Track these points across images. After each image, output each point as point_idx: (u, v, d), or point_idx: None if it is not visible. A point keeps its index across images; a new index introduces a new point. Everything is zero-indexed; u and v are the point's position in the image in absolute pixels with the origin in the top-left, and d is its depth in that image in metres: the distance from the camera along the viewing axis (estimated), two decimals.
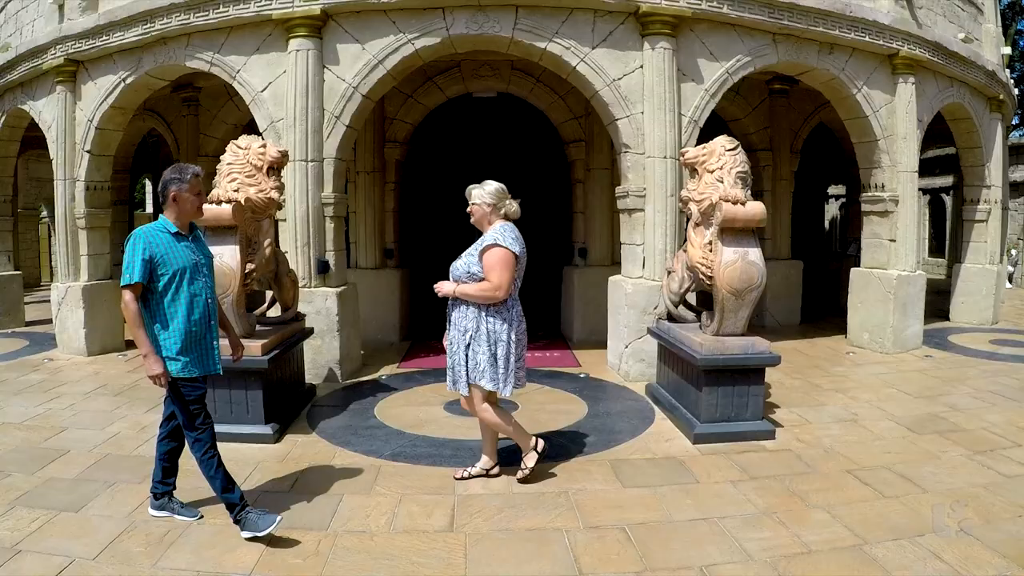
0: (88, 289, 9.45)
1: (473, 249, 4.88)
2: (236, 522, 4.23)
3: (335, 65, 7.77)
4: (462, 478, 5.12)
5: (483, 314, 4.76)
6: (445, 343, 5.02)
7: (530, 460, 5.09)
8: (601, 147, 10.39)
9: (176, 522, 4.43)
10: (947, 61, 10.10)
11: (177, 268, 4.21)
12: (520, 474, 5.08)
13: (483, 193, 4.94)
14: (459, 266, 4.86)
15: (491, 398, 5.00)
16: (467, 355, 4.79)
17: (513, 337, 4.82)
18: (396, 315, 10.63)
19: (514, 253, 4.71)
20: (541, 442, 5.15)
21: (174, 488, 4.60)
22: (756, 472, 5.28)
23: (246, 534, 4.17)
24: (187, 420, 4.34)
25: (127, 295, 4.10)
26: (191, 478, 4.70)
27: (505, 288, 4.67)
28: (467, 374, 4.81)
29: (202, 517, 4.50)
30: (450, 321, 4.92)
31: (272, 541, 4.14)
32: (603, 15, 7.80)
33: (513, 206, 5.00)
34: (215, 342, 4.52)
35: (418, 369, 8.72)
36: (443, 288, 4.83)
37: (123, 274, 4.11)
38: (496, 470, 5.20)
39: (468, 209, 4.97)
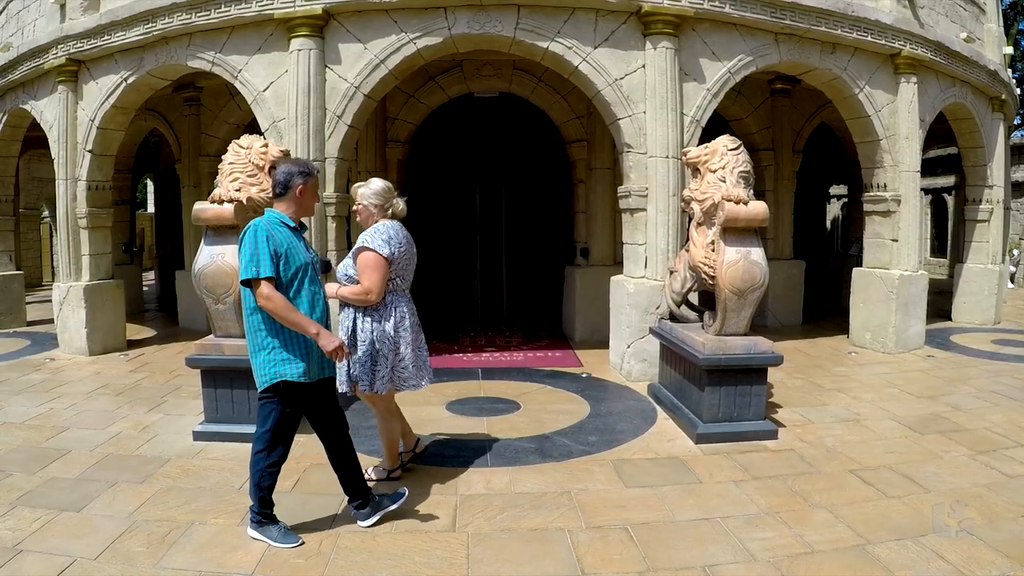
0: (90, 289, 9.45)
1: (353, 250, 4.82)
2: (256, 523, 4.19)
3: (337, 65, 7.77)
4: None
5: (361, 315, 4.74)
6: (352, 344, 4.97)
7: (375, 473, 5.10)
8: (603, 147, 10.37)
9: (179, 523, 4.42)
10: (949, 61, 10.08)
11: (300, 264, 4.11)
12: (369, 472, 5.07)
13: (368, 193, 4.82)
14: (341, 268, 4.84)
15: (383, 398, 4.93)
16: (350, 356, 4.77)
17: (390, 337, 4.72)
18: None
19: (383, 256, 4.60)
20: (382, 472, 5.12)
21: (370, 492, 4.48)
22: (758, 472, 5.27)
23: (254, 534, 4.17)
24: (272, 427, 4.14)
25: (266, 289, 3.93)
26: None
27: (376, 291, 4.60)
28: (348, 375, 4.77)
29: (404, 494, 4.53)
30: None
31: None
32: (605, 15, 7.79)
33: (400, 205, 4.97)
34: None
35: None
36: (328, 290, 4.83)
37: (246, 268, 3.95)
38: (397, 473, 5.14)
39: (354, 208, 4.87)
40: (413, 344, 4.86)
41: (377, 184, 4.90)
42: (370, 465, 5.18)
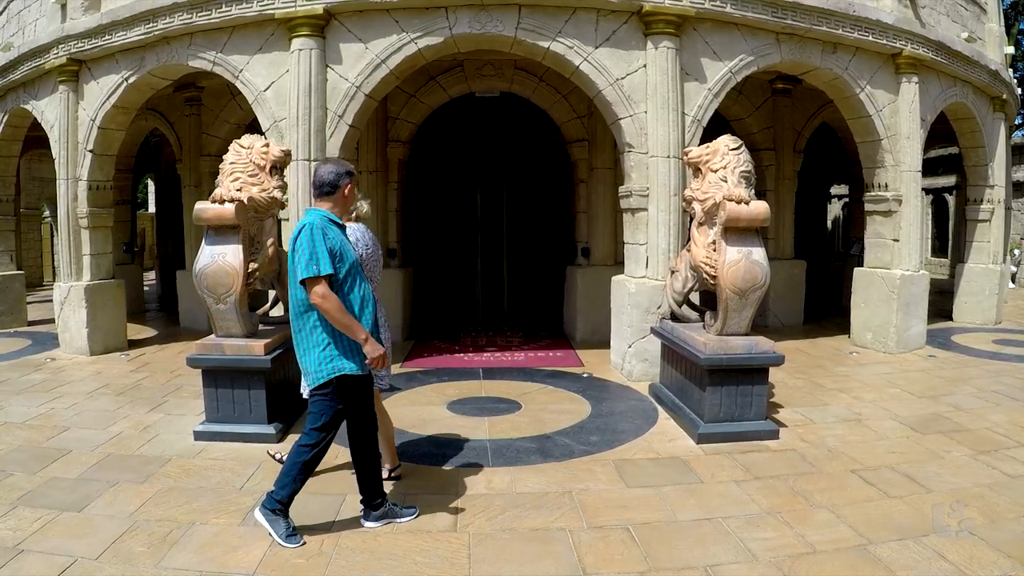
0: (91, 289, 9.44)
1: None
2: (267, 506, 4.18)
3: (338, 64, 7.77)
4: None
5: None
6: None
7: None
8: (604, 146, 10.37)
9: (180, 523, 4.43)
10: (950, 61, 10.08)
11: (352, 261, 4.13)
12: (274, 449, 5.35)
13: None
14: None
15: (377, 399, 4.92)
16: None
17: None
18: (399, 315, 10.60)
19: None
20: (386, 472, 5.04)
21: (385, 497, 4.49)
22: (760, 472, 5.27)
23: (261, 519, 4.16)
24: (324, 423, 4.16)
25: (322, 288, 3.94)
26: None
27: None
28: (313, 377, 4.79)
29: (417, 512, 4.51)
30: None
31: (274, 541, 4.14)
32: (606, 14, 7.79)
33: (364, 207, 5.01)
34: (382, 343, 4.49)
35: (421, 369, 8.71)
36: None
37: (306, 267, 3.93)
38: (398, 472, 5.15)
39: None
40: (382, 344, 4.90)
41: None
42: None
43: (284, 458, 5.03)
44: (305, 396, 4.92)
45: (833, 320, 12.09)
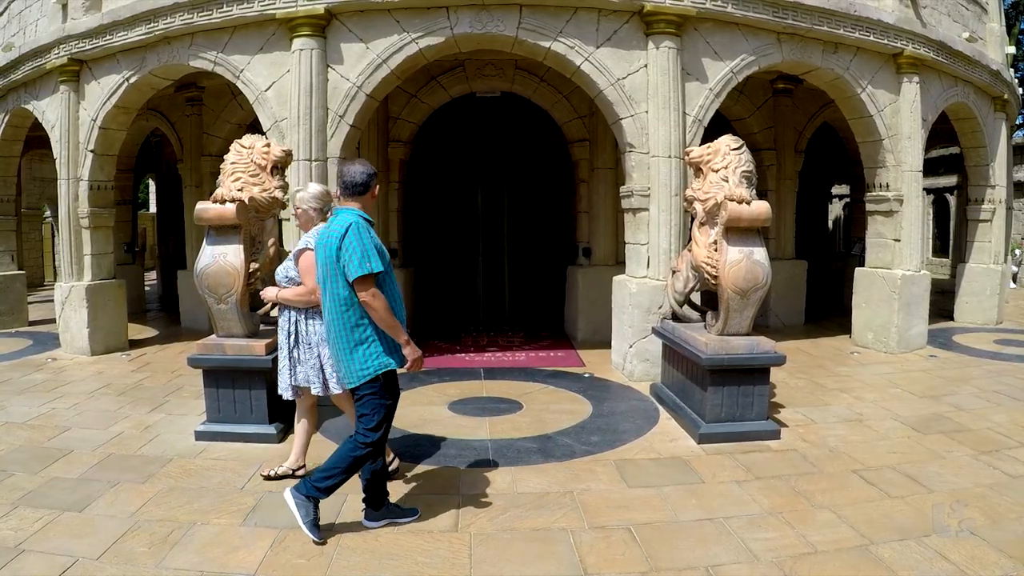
0: (92, 289, 9.45)
1: (292, 253, 4.90)
2: (301, 490, 4.19)
3: (339, 64, 7.77)
4: (268, 477, 5.08)
5: (304, 318, 4.81)
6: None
7: (279, 468, 5.12)
8: (605, 146, 10.37)
9: (181, 523, 4.43)
10: (951, 60, 10.07)
11: (387, 260, 4.19)
12: (267, 470, 5.12)
13: (308, 196, 4.94)
14: (280, 271, 4.91)
15: (309, 398, 5.04)
16: (291, 358, 4.85)
17: None
18: (401, 315, 10.59)
19: None
20: (302, 471, 5.11)
21: (387, 498, 4.51)
22: (761, 472, 5.26)
23: (290, 499, 4.18)
24: (379, 420, 4.20)
25: (373, 287, 4.00)
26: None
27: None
28: (291, 378, 4.85)
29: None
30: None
31: (276, 542, 4.14)
32: (607, 14, 7.78)
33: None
34: None
35: (422, 369, 8.68)
36: (266, 294, 4.85)
37: (360, 265, 3.96)
38: (303, 472, 5.15)
39: (294, 212, 4.92)
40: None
41: (316, 188, 5.04)
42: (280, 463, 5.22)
43: (278, 474, 5.09)
44: (288, 397, 4.96)
45: (834, 320, 12.08)
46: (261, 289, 6.67)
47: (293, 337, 4.84)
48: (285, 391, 4.94)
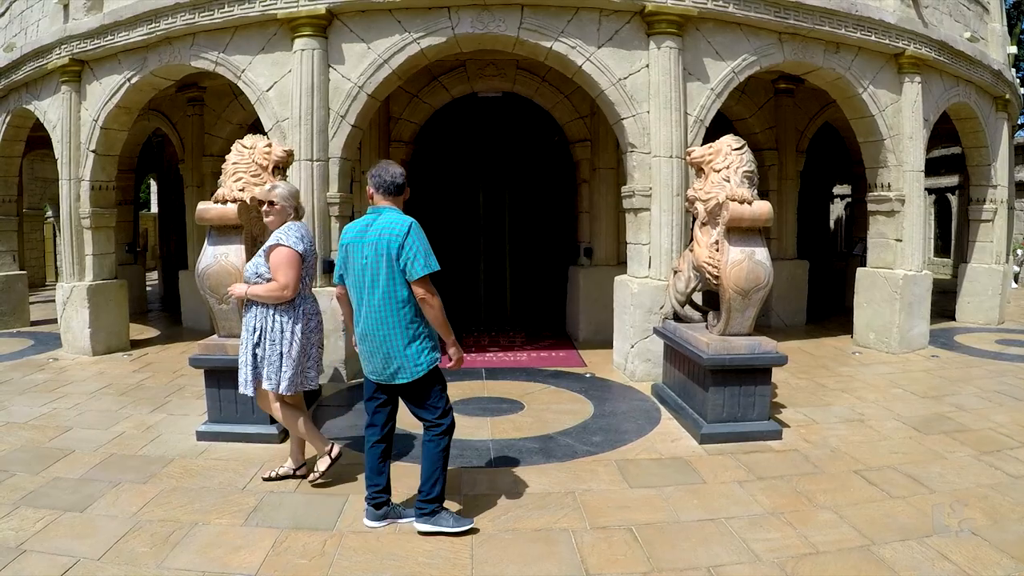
0: (93, 289, 9.45)
1: (261, 250, 4.90)
2: (423, 513, 4.27)
3: (340, 64, 7.77)
4: (269, 478, 5.10)
5: (272, 313, 4.83)
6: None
7: (322, 464, 5.05)
8: (607, 146, 10.37)
9: (182, 523, 4.43)
10: (953, 60, 10.07)
11: None
12: (312, 476, 5.03)
13: (286, 194, 5.00)
14: (249, 267, 4.90)
15: (292, 398, 5.04)
16: (255, 355, 4.85)
17: (299, 335, 4.85)
18: None
19: (298, 252, 4.78)
20: (336, 448, 5.11)
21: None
22: (763, 472, 5.26)
23: (426, 527, 4.24)
24: (444, 407, 4.36)
25: (431, 285, 4.15)
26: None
27: (292, 287, 4.75)
28: (252, 374, 4.86)
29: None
30: (243, 321, 4.96)
31: (278, 542, 4.15)
32: (609, 14, 7.78)
33: (303, 208, 5.22)
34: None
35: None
36: (235, 290, 4.86)
37: (426, 263, 4.09)
38: (303, 470, 5.17)
39: (263, 209, 4.93)
40: (318, 344, 5.08)
41: (291, 186, 5.11)
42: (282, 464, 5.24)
43: (279, 475, 5.09)
44: (249, 393, 4.96)
45: (836, 320, 12.09)
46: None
47: (259, 334, 4.84)
48: (245, 386, 4.90)
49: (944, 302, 13.06)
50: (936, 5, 10.09)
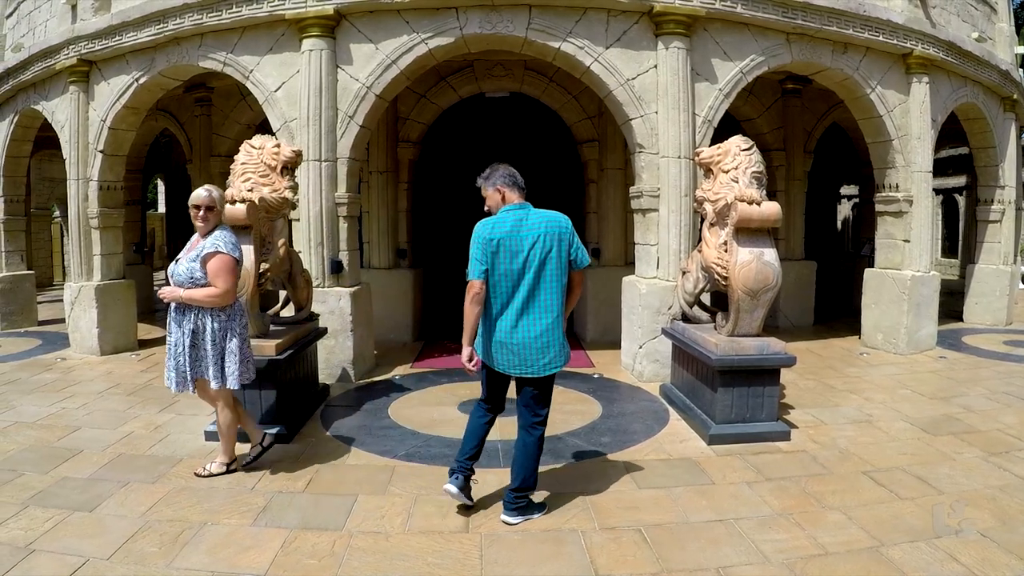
0: (101, 289, 9.48)
1: (194, 255, 4.92)
2: (517, 507, 4.43)
3: (348, 65, 7.78)
4: (200, 475, 5.18)
5: (205, 317, 4.90)
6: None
7: (253, 451, 5.32)
8: (615, 147, 10.37)
9: (191, 523, 4.44)
10: (961, 60, 10.04)
11: None
12: (200, 469, 5.23)
13: (218, 197, 5.04)
14: (181, 272, 4.90)
15: (226, 393, 5.11)
16: (191, 356, 4.89)
17: (237, 331, 4.99)
18: (409, 315, 10.62)
19: (235, 258, 4.89)
20: (268, 436, 5.36)
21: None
22: (771, 473, 5.25)
23: (517, 520, 4.40)
24: (549, 401, 4.54)
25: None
26: None
27: (232, 293, 4.88)
28: (190, 372, 4.90)
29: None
30: (171, 323, 4.96)
31: (287, 542, 4.16)
32: (617, 15, 7.78)
33: (227, 212, 5.38)
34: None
35: (431, 369, 8.71)
36: (171, 293, 4.86)
37: (586, 255, 4.49)
38: (235, 466, 5.28)
39: (202, 214, 4.92)
40: (248, 342, 5.22)
41: (220, 190, 5.17)
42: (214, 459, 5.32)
43: (212, 472, 5.19)
44: (177, 390, 4.97)
45: (843, 321, 12.04)
46: (272, 290, 6.75)
47: (193, 335, 4.87)
48: (182, 385, 4.92)
49: (952, 303, 13.02)
50: (944, 5, 10.06)
